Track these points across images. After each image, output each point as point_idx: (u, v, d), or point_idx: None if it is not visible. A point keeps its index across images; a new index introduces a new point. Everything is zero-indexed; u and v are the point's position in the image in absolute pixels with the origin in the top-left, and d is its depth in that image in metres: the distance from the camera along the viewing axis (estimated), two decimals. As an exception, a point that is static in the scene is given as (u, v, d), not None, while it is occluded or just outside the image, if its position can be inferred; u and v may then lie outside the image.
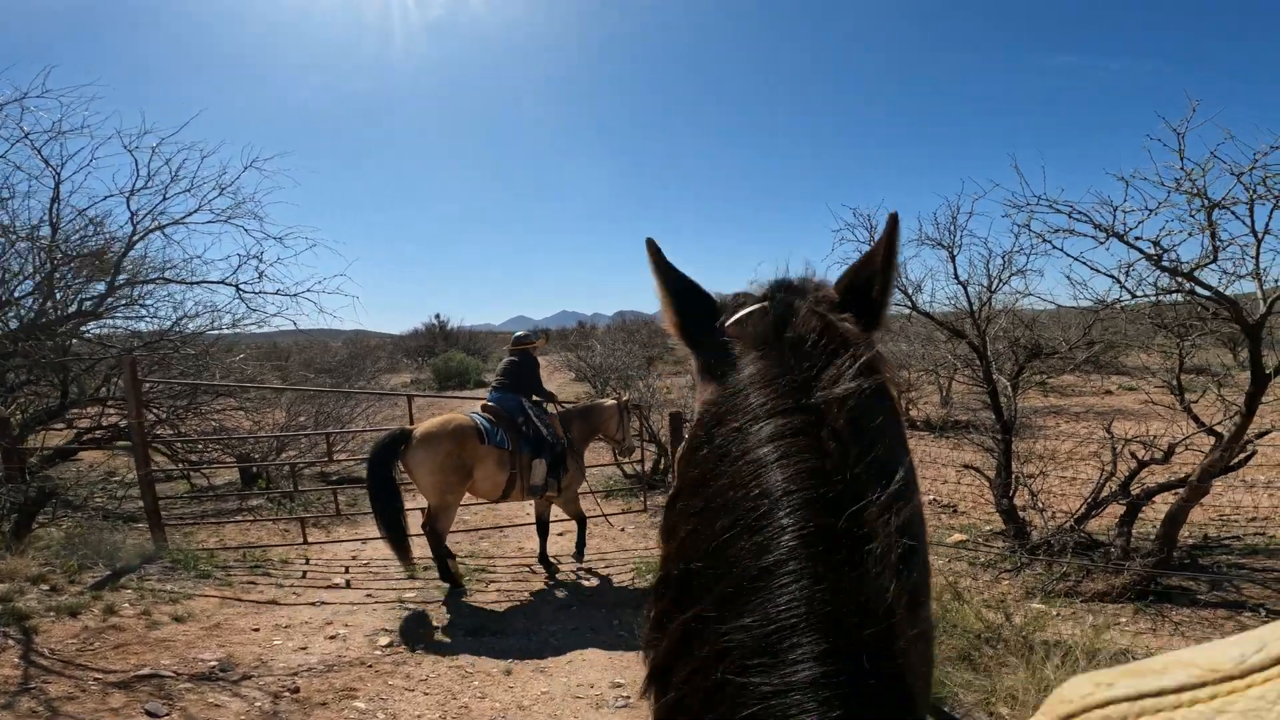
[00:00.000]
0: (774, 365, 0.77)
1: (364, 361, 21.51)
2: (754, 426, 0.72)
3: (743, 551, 0.65)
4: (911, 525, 0.67)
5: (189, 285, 8.09)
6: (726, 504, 0.69)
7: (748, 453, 0.70)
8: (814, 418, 0.71)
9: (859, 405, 0.71)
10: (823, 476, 0.66)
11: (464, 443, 5.75)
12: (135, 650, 4.35)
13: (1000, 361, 6.65)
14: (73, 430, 9.47)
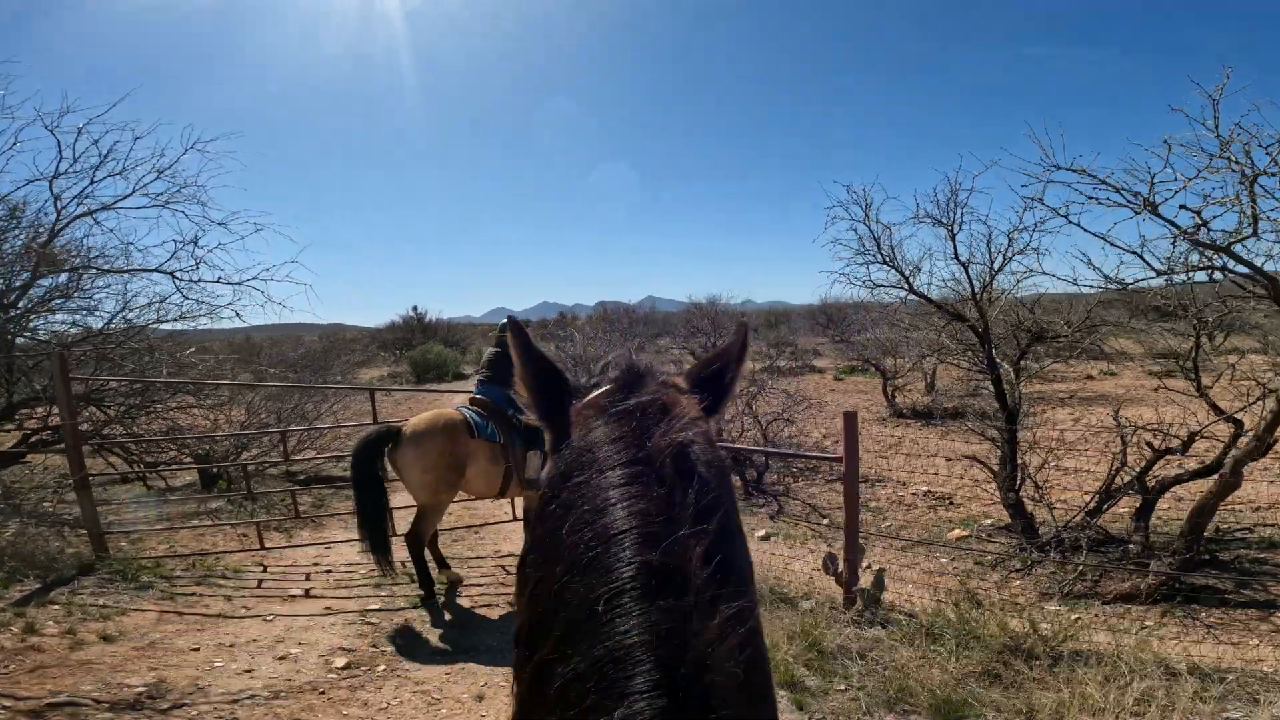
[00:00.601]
0: (615, 427, 0.86)
1: (337, 355, 20.85)
2: (595, 478, 0.80)
3: (576, 593, 0.71)
4: (732, 557, 0.75)
5: (119, 274, 7.51)
6: (566, 550, 0.76)
7: (588, 500, 0.78)
8: (646, 466, 0.79)
9: (684, 454, 0.81)
10: (650, 517, 0.74)
11: (455, 438, 5.40)
12: (54, 674, 3.86)
13: (1001, 346, 6.28)
14: (21, 431, 8.90)
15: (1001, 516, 7.17)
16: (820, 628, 4.50)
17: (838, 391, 18.78)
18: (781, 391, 10.94)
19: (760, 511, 8.71)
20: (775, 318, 34.60)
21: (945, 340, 7.02)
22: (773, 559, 6.48)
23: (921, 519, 7.94)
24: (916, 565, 6.22)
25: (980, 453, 8.87)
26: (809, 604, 5.15)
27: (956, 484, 8.69)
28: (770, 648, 4.44)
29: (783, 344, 27.84)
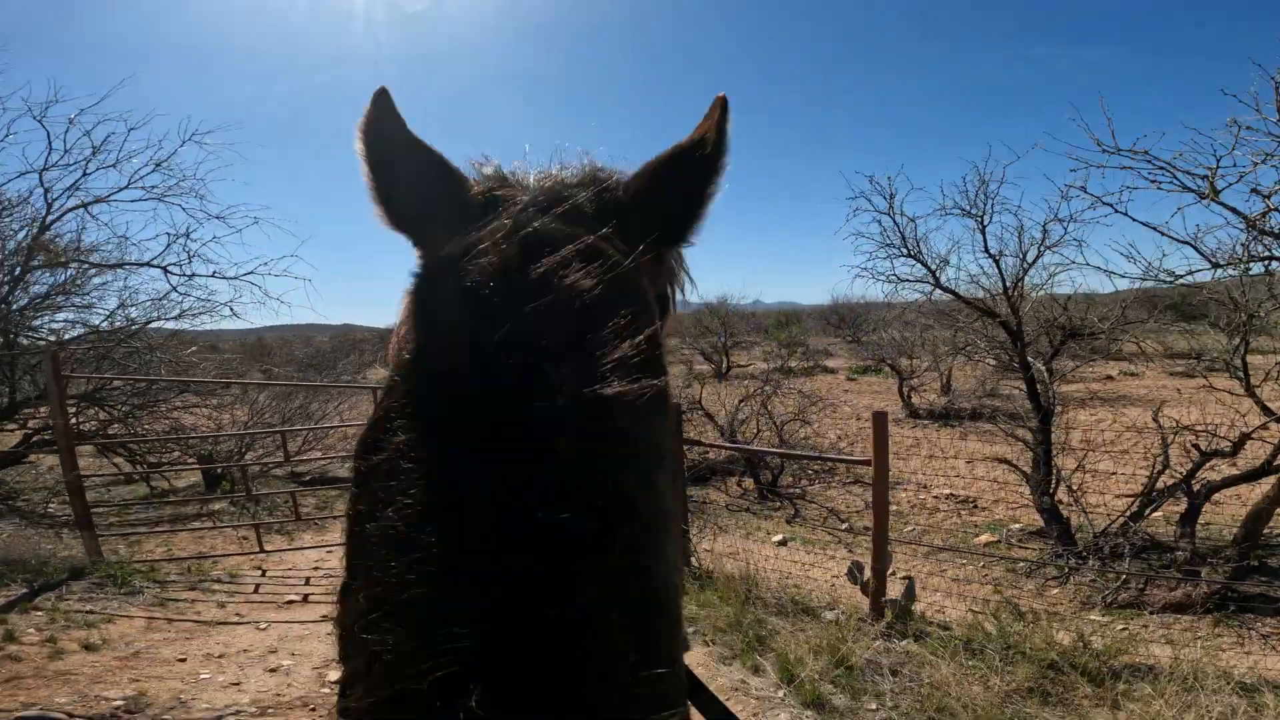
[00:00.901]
0: (460, 309, 0.63)
1: (345, 355, 20.72)
2: (410, 416, 0.60)
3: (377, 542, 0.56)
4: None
5: (112, 269, 7.29)
6: (379, 483, 0.58)
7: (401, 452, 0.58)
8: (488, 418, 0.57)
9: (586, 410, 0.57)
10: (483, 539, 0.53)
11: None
12: (29, 684, 3.61)
13: (1033, 344, 5.95)
14: (24, 431, 8.73)
15: (1032, 521, 6.85)
16: (847, 641, 4.20)
17: (851, 392, 18.43)
18: (797, 391, 10.65)
19: (776, 515, 8.43)
20: (785, 318, 34.20)
21: (972, 338, 6.68)
22: (791, 566, 6.18)
23: (945, 524, 7.63)
24: (943, 572, 5.91)
25: (1005, 454, 8.57)
26: (833, 615, 4.85)
27: (980, 487, 8.37)
28: (794, 663, 4.15)
29: (794, 344, 27.50)
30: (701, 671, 4.40)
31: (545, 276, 0.62)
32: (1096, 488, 6.23)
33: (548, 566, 0.52)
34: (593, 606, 0.52)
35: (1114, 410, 13.34)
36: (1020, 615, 4.26)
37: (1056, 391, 5.71)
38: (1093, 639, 3.97)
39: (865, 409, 15.83)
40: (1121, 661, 3.61)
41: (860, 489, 9.33)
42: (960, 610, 4.98)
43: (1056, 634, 3.94)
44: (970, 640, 4.04)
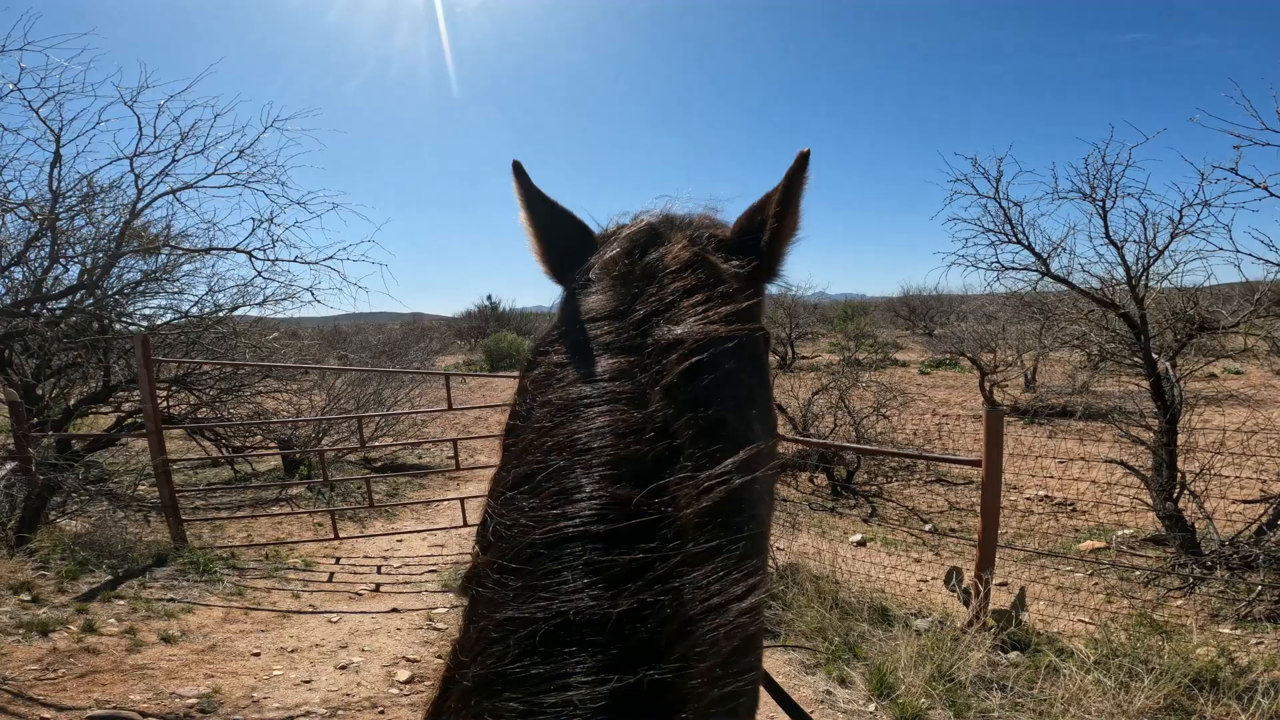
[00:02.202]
0: (614, 298, 0.72)
1: (415, 342, 21.06)
2: (569, 367, 0.66)
3: (523, 525, 0.58)
4: (740, 515, 0.59)
5: (200, 254, 7.38)
6: (524, 464, 0.62)
7: (557, 402, 0.64)
8: (642, 360, 0.65)
9: (691, 365, 0.64)
10: (636, 435, 0.59)
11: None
12: (104, 679, 3.60)
13: (1156, 338, 5.42)
14: (118, 414, 9.04)
15: (1142, 526, 6.32)
16: (948, 653, 3.87)
17: (925, 386, 17.71)
18: (876, 384, 10.18)
19: (852, 514, 8.06)
20: (852, 309, 33.31)
21: (1084, 330, 6.14)
22: (872, 568, 5.83)
23: (1041, 527, 7.13)
24: (1045, 580, 5.48)
25: (1104, 454, 7.96)
26: (924, 623, 4.51)
27: (1076, 489, 7.81)
28: (888, 673, 3.85)
29: (862, 336, 26.73)
30: (782, 680, 4.13)
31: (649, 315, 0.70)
32: (1217, 493, 5.68)
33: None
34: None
35: (1221, 410, 12.42)
36: (1157, 627, 3.84)
37: (1183, 390, 5.17)
38: (1237, 654, 3.54)
39: (941, 404, 15.19)
40: (1271, 677, 3.18)
41: (943, 488, 8.86)
42: (1069, 621, 4.58)
43: (1196, 648, 3.52)
44: (1092, 653, 3.66)
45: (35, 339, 6.77)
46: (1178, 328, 5.37)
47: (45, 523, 5.93)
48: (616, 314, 0.70)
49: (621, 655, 0.51)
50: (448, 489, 8.85)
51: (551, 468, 0.59)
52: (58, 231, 6.30)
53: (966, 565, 5.28)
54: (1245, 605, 4.37)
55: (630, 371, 0.64)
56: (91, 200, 6.54)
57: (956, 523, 7.51)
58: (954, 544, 6.69)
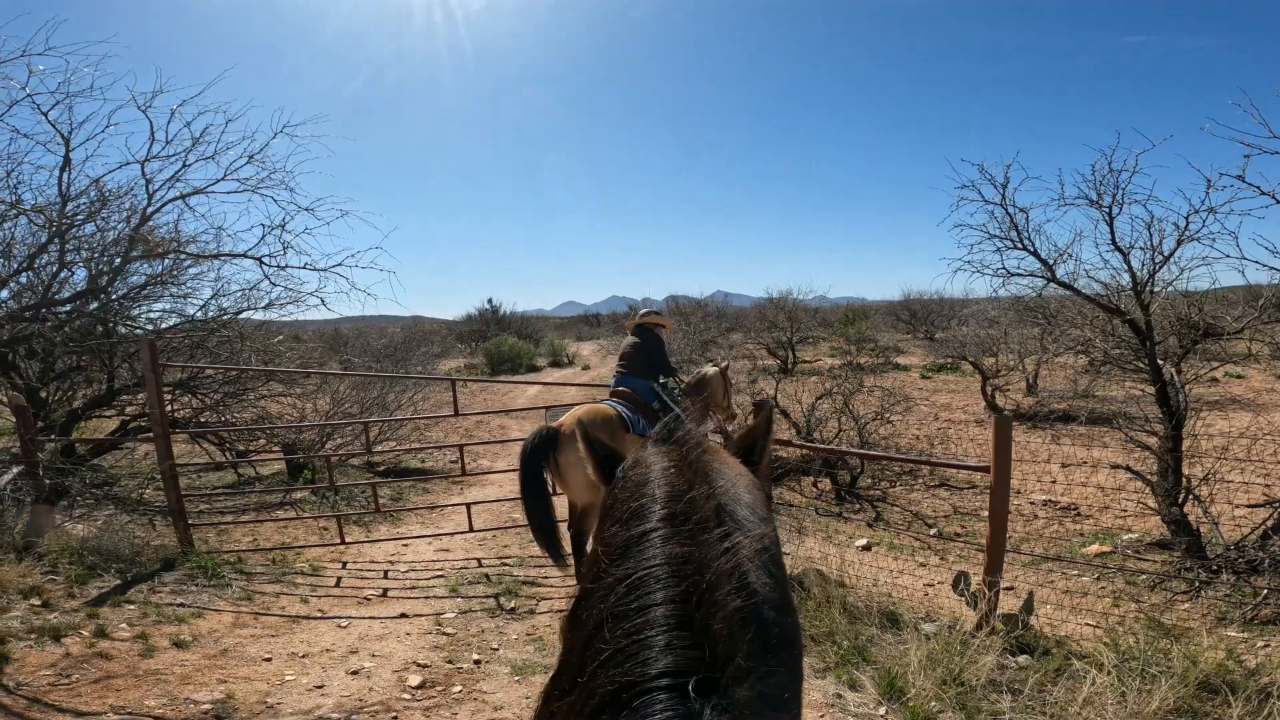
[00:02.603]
0: (664, 457, 1.15)
1: (417, 346, 21.08)
2: (642, 493, 1.03)
3: (617, 561, 0.90)
4: (752, 566, 0.92)
5: (210, 260, 7.40)
6: (619, 539, 0.96)
7: (636, 504, 1.00)
8: (684, 467, 1.08)
9: (704, 459, 1.12)
10: (679, 500, 0.96)
11: (614, 436, 5.08)
12: (119, 685, 3.61)
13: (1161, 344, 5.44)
14: (121, 418, 9.05)
15: (1147, 530, 6.34)
16: (956, 656, 3.89)
17: (926, 390, 17.73)
18: (880, 389, 10.19)
19: (856, 518, 8.07)
20: (853, 313, 33.36)
21: (1090, 335, 6.15)
22: (878, 573, 5.84)
23: (1045, 531, 7.14)
24: (1051, 584, 5.49)
25: (1109, 459, 7.98)
26: (932, 627, 4.52)
27: (1081, 493, 7.83)
28: (898, 676, 3.87)
29: (863, 340, 26.77)
30: (791, 685, 4.15)
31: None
32: (1222, 497, 5.71)
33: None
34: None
35: (1224, 413, 12.45)
36: (1166, 631, 3.86)
37: (1189, 395, 5.20)
38: (1245, 656, 3.55)
39: (943, 408, 15.21)
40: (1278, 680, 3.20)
41: (948, 493, 8.87)
42: (1076, 624, 4.60)
43: (1205, 651, 3.54)
44: (1101, 656, 3.67)
45: (41, 343, 6.79)
46: (1182, 333, 5.40)
47: (52, 527, 5.94)
48: (668, 467, 1.10)
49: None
50: (452, 494, 8.86)
51: (633, 531, 0.94)
52: (66, 237, 6.32)
53: (973, 569, 5.30)
54: (1251, 609, 4.39)
55: (675, 475, 1.06)
56: (103, 206, 6.57)
57: (961, 527, 7.52)
58: (959, 548, 6.70)
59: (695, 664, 0.74)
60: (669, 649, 0.75)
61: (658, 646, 0.75)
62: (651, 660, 0.74)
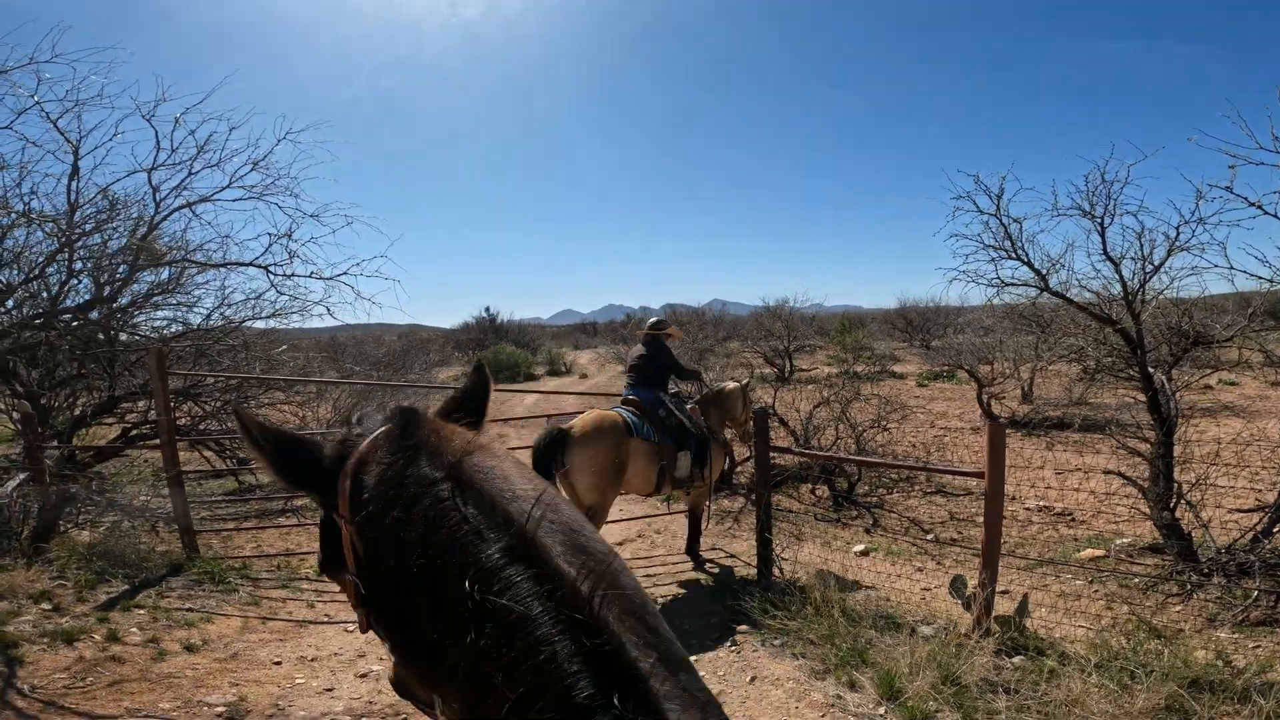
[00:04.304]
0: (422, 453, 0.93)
1: (416, 355, 21.13)
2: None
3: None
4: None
5: (216, 269, 7.47)
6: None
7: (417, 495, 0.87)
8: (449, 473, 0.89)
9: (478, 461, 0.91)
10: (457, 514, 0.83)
11: (618, 440, 5.53)
12: (133, 688, 3.67)
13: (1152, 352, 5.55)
14: (122, 425, 9.08)
15: (1140, 535, 6.44)
16: (952, 657, 3.97)
17: (923, 398, 17.84)
18: (877, 396, 10.29)
19: (854, 524, 8.15)
20: (850, 321, 33.50)
21: (1082, 343, 6.26)
22: (876, 577, 5.94)
23: (1040, 536, 7.24)
24: (1046, 587, 5.59)
25: (1101, 465, 8.07)
26: (929, 630, 4.61)
27: (1075, 499, 7.93)
28: (896, 677, 3.95)
29: (860, 348, 26.89)
30: (793, 686, 4.23)
31: None
32: (1213, 502, 5.81)
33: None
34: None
35: (1216, 420, 12.57)
36: (1156, 632, 3.95)
37: (1180, 402, 5.30)
38: (1234, 657, 3.64)
39: (940, 415, 15.31)
40: (1266, 679, 3.29)
41: (944, 499, 8.96)
42: (1070, 626, 4.69)
43: (1195, 651, 3.63)
44: (1093, 656, 3.76)
45: (45, 350, 6.84)
46: (1173, 341, 5.51)
47: (59, 533, 5.99)
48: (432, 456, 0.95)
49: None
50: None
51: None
52: (75, 245, 6.39)
53: (970, 573, 5.39)
54: (1241, 611, 4.48)
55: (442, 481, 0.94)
56: (111, 215, 6.64)
57: (957, 532, 7.60)
58: (956, 553, 6.79)
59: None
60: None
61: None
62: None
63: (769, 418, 6.56)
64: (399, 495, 0.87)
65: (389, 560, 0.86)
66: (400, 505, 0.85)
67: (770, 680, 4.30)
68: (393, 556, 0.85)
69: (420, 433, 0.94)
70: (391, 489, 0.88)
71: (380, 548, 0.87)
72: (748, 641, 4.78)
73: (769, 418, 6.56)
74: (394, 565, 0.84)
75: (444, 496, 0.84)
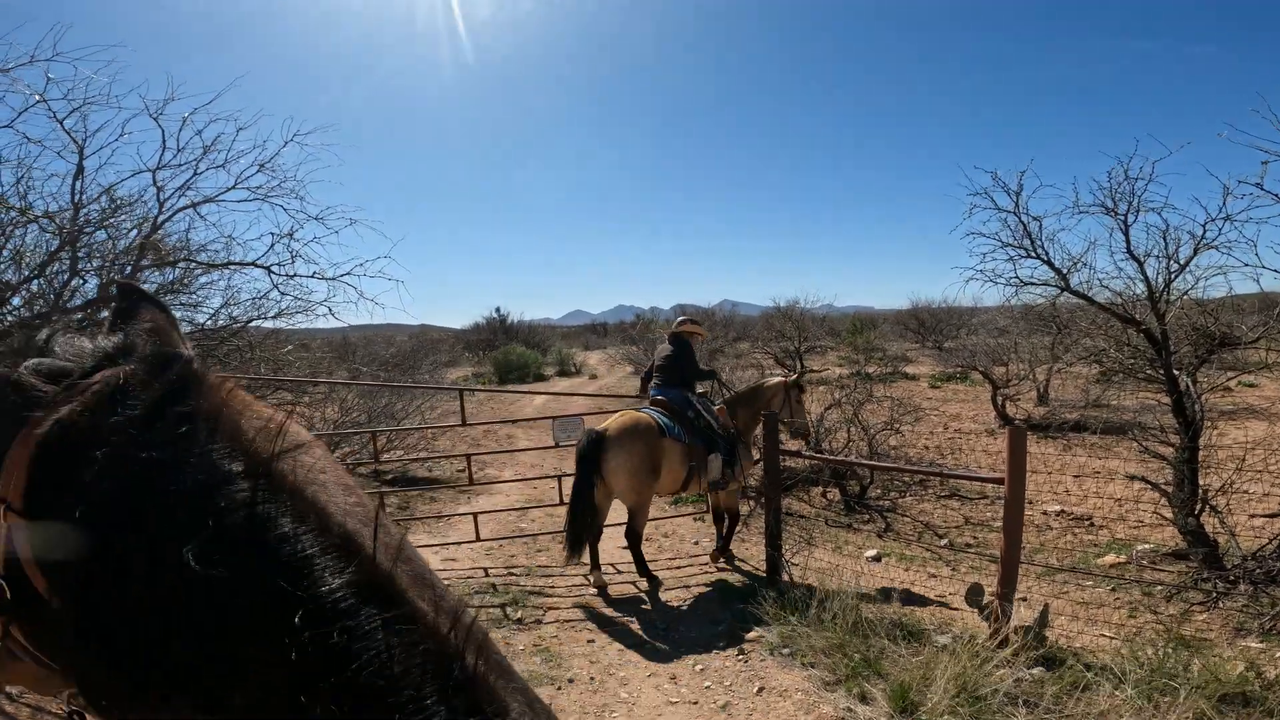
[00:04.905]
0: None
1: (425, 355, 21.13)
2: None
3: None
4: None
5: (220, 269, 7.40)
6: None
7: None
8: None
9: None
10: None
11: (651, 441, 5.68)
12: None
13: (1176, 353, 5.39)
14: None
15: (1162, 541, 6.26)
16: (970, 669, 3.83)
17: (935, 400, 17.65)
18: (890, 398, 10.13)
19: (865, 529, 8.00)
20: (861, 322, 33.29)
21: (1104, 345, 6.10)
22: (889, 585, 5.80)
23: (1058, 542, 7.06)
24: (1065, 595, 5.43)
25: (1121, 469, 7.90)
26: (945, 639, 4.47)
27: (1093, 503, 7.75)
28: (910, 689, 3.82)
29: (871, 349, 26.71)
30: (801, 698, 4.10)
31: None
32: (1238, 508, 5.64)
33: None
34: None
35: (1236, 423, 12.34)
36: (1184, 642, 3.80)
37: (1203, 405, 5.14)
38: (1265, 668, 3.49)
39: (953, 418, 15.12)
40: None
41: (958, 503, 8.80)
42: (1092, 636, 4.53)
43: (1226, 662, 3.48)
44: (1118, 667, 3.62)
45: (49, 350, 6.77)
46: (1198, 342, 5.35)
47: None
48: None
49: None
50: (459, 503, 8.84)
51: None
52: (78, 244, 6.34)
53: (986, 580, 5.24)
54: (1270, 619, 4.32)
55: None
56: (115, 214, 6.58)
57: (973, 538, 7.44)
58: (971, 559, 6.63)
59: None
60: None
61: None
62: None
63: (779, 420, 6.44)
64: (165, 491, 0.57)
65: (113, 590, 0.56)
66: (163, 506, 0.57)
67: (778, 691, 4.17)
68: (129, 582, 0.55)
69: (203, 401, 0.63)
70: (143, 481, 0.58)
71: (99, 566, 0.56)
72: (755, 650, 4.66)
73: (779, 420, 6.44)
74: (127, 597, 0.55)
75: (246, 500, 0.57)
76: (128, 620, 0.56)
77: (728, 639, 4.83)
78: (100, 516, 0.57)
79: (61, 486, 0.59)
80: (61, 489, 0.59)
